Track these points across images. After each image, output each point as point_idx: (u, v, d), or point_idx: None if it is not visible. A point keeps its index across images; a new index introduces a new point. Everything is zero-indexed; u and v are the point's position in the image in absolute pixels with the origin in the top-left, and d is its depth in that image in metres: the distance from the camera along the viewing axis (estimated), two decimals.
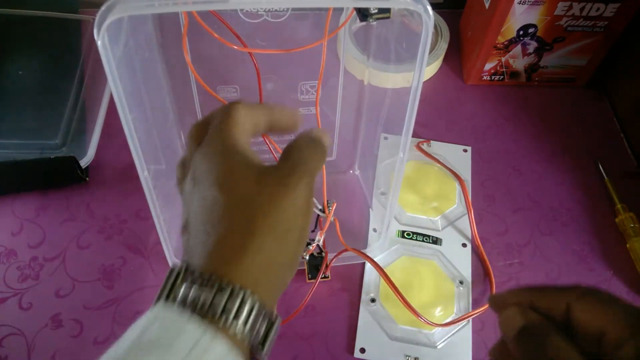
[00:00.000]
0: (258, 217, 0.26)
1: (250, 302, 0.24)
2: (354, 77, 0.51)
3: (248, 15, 0.40)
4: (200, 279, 0.24)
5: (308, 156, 0.29)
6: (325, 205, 0.47)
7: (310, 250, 0.48)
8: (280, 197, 0.26)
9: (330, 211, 0.47)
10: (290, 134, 0.33)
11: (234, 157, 0.27)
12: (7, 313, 0.48)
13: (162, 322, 0.24)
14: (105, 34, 0.29)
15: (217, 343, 0.23)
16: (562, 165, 0.61)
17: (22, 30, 0.67)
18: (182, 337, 0.23)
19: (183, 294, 0.24)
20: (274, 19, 0.41)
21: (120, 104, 0.33)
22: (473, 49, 0.66)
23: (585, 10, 0.58)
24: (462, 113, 0.66)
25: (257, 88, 0.41)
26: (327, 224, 0.47)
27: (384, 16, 0.34)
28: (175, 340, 0.22)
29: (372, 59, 0.49)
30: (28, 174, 0.55)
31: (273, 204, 0.26)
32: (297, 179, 0.27)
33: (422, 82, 0.35)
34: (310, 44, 0.36)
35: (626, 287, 0.52)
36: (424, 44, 0.33)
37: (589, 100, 0.68)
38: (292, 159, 0.29)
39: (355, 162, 0.59)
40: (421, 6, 0.31)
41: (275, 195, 0.26)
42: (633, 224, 0.55)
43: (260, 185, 0.26)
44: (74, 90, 0.61)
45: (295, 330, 0.48)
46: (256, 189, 0.26)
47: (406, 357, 0.47)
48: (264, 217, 0.26)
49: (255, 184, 0.26)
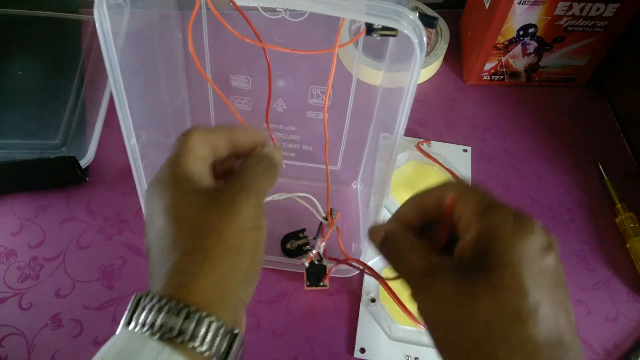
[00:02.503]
0: (206, 242, 0.27)
1: (206, 321, 0.25)
2: (366, 85, 0.51)
3: (267, 9, 0.40)
4: (159, 304, 0.25)
5: (255, 176, 0.30)
6: (329, 213, 0.47)
7: (311, 258, 0.48)
8: (226, 220, 0.27)
9: (333, 220, 0.47)
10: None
11: (181, 185, 0.28)
12: (7, 313, 0.48)
13: (124, 342, 0.25)
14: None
15: (176, 358, 0.24)
16: (562, 165, 0.61)
17: (22, 30, 0.67)
18: (142, 354, 0.24)
19: (143, 318, 0.25)
20: (292, 18, 0.41)
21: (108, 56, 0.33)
22: (473, 49, 0.66)
23: (585, 10, 0.58)
24: (462, 113, 0.66)
25: (268, 82, 0.41)
26: (329, 232, 0.47)
27: (389, 33, 0.34)
28: (135, 356, 0.24)
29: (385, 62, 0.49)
30: (28, 174, 0.55)
31: (219, 227, 0.27)
32: (242, 200, 0.28)
33: (410, 102, 0.35)
34: (325, 49, 0.36)
35: (626, 287, 0.52)
36: (414, 68, 0.32)
37: (589, 100, 0.68)
38: (240, 178, 0.30)
39: (359, 174, 0.58)
40: (417, 39, 0.30)
41: (221, 219, 0.27)
42: (633, 224, 0.55)
43: (206, 211, 0.28)
44: (74, 90, 0.61)
45: (295, 331, 0.48)
46: (202, 215, 0.27)
47: (406, 357, 0.47)
48: (212, 241, 0.27)
49: (200, 210, 0.27)
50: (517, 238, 0.26)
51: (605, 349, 0.49)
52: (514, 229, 0.26)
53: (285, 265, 0.51)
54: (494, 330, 0.25)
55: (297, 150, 0.55)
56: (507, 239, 0.26)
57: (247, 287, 0.29)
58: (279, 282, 0.51)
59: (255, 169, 0.31)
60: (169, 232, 0.27)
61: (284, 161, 0.54)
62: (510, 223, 0.27)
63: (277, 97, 0.49)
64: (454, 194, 0.29)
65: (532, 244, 0.26)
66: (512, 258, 0.26)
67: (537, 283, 0.25)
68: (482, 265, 0.26)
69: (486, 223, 0.27)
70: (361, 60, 0.57)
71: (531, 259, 0.26)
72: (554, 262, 0.26)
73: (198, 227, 0.27)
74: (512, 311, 0.25)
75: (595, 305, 0.51)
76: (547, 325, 0.25)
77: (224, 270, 0.27)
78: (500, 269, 0.25)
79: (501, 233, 0.26)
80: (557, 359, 0.25)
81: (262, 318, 0.49)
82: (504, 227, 0.26)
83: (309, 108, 0.50)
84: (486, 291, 0.26)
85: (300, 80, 0.48)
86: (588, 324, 0.50)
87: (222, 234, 0.27)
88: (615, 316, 0.51)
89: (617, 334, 0.49)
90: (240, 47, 0.42)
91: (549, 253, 0.26)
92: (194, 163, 0.30)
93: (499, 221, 0.27)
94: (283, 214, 0.52)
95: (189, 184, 0.29)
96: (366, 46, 0.48)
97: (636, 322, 0.50)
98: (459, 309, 0.26)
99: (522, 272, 0.25)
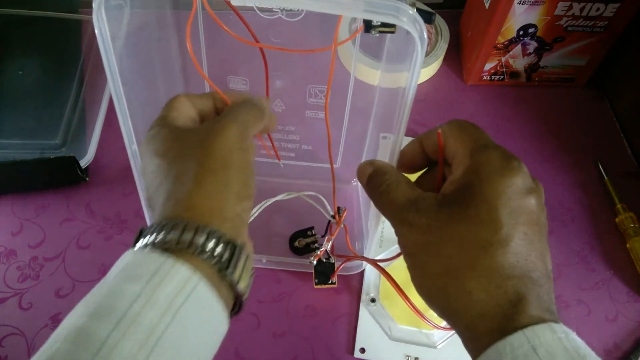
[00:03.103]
0: (194, 163, 0.28)
1: (205, 231, 0.26)
2: (364, 84, 0.51)
3: (263, 10, 0.40)
4: (159, 227, 0.26)
5: (239, 109, 0.32)
6: (336, 211, 0.47)
7: (318, 256, 0.48)
8: (212, 140, 0.29)
9: (341, 217, 0.47)
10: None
11: (165, 128, 0.31)
12: (7, 313, 0.48)
13: (127, 259, 0.26)
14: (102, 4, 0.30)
15: (179, 267, 0.25)
16: (562, 165, 0.61)
17: (22, 30, 0.67)
18: (144, 266, 0.25)
19: (145, 240, 0.26)
20: (288, 18, 0.41)
21: (108, 62, 0.34)
22: (473, 49, 0.66)
23: (585, 10, 0.58)
24: (462, 113, 0.66)
25: (265, 83, 0.41)
26: (337, 230, 0.47)
27: (388, 30, 0.34)
28: (138, 269, 0.25)
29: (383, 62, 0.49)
30: (28, 174, 0.55)
31: (205, 149, 0.29)
32: (224, 124, 0.30)
33: (412, 99, 0.35)
34: (322, 47, 0.36)
35: (626, 287, 0.52)
36: (415, 63, 0.32)
37: (589, 100, 0.68)
38: (224, 113, 0.32)
39: None
40: (417, 34, 0.30)
41: (207, 140, 0.29)
42: (633, 224, 0.55)
43: (191, 138, 0.29)
44: (74, 90, 0.61)
45: (295, 330, 0.48)
46: (187, 143, 0.29)
47: (406, 357, 0.47)
48: (200, 161, 0.28)
49: (186, 139, 0.30)
50: (499, 175, 0.27)
51: (605, 349, 0.49)
52: (500, 168, 0.27)
53: (289, 265, 0.51)
54: (465, 256, 0.26)
55: (297, 150, 0.55)
56: (490, 175, 0.27)
57: (243, 204, 0.29)
58: (279, 282, 0.51)
59: (239, 105, 0.33)
60: (160, 167, 0.29)
61: (284, 161, 0.55)
62: (497, 162, 0.27)
63: (276, 97, 0.49)
64: (449, 132, 0.30)
65: (514, 182, 0.27)
66: (492, 193, 0.27)
67: (513, 219, 0.26)
68: (463, 198, 0.27)
69: (474, 161, 0.28)
70: (359, 59, 0.57)
71: (511, 196, 0.27)
72: (535, 205, 0.27)
73: (186, 154, 0.29)
74: (484, 241, 0.26)
75: (595, 305, 0.51)
76: (516, 257, 0.26)
77: (216, 184, 0.28)
78: (478, 202, 0.27)
79: (486, 170, 0.27)
80: (522, 290, 0.26)
81: (262, 318, 0.49)
82: (490, 165, 0.27)
83: (307, 107, 0.50)
84: (462, 221, 0.27)
85: (298, 79, 0.48)
86: (588, 324, 0.50)
87: (208, 154, 0.28)
88: (615, 316, 0.51)
89: (617, 334, 0.49)
90: (237, 48, 0.43)
91: (530, 195, 0.27)
92: (179, 117, 0.32)
93: (486, 160, 0.28)
94: (287, 213, 0.52)
95: (172, 126, 0.31)
96: (364, 45, 0.48)
97: (636, 322, 0.50)
98: (434, 236, 0.27)
99: (498, 206, 0.26)
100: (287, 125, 0.52)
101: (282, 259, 0.51)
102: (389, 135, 0.57)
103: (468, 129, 0.30)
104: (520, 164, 0.28)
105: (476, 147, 0.29)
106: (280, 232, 0.53)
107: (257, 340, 0.48)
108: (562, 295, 0.52)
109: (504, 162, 0.27)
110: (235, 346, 0.47)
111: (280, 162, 0.55)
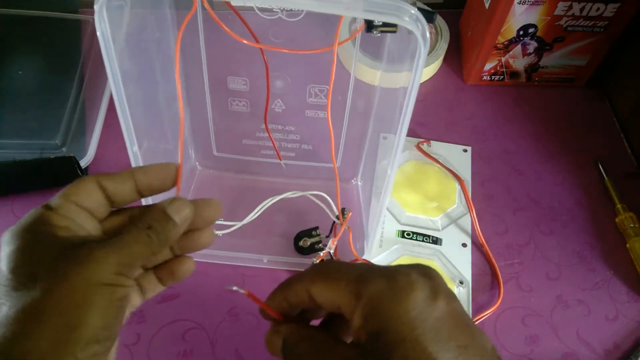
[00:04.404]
0: (44, 295, 0.24)
1: None
2: (364, 84, 0.51)
3: (263, 10, 0.40)
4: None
5: (128, 239, 0.27)
6: (340, 213, 0.47)
7: (321, 257, 0.48)
8: (74, 272, 0.24)
9: (345, 219, 0.47)
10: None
11: (40, 233, 0.26)
12: None
13: None
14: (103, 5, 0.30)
15: None
16: (562, 165, 0.61)
17: (22, 30, 0.67)
18: None
19: None
20: (288, 18, 0.41)
21: (108, 58, 0.33)
22: (473, 49, 0.66)
23: (585, 10, 0.58)
24: (462, 113, 0.66)
25: (266, 83, 0.41)
26: (341, 231, 0.47)
27: (389, 30, 0.34)
28: None
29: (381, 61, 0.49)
30: (28, 174, 0.55)
31: (63, 280, 0.24)
32: (98, 255, 0.25)
33: (414, 99, 0.35)
34: (322, 47, 0.36)
35: (626, 287, 0.52)
36: (418, 62, 0.32)
37: (589, 100, 0.68)
38: (111, 237, 0.27)
39: (359, 171, 0.58)
40: (420, 33, 0.30)
41: (69, 270, 0.24)
42: (633, 224, 0.55)
43: (53, 261, 0.25)
44: (74, 90, 0.61)
45: None
46: (47, 266, 0.25)
47: None
48: (51, 295, 0.24)
49: (48, 261, 0.25)
50: (398, 305, 0.24)
51: (605, 349, 0.49)
52: (392, 295, 0.25)
53: (290, 264, 0.51)
54: None
55: (297, 150, 0.55)
56: (390, 310, 0.24)
57: (94, 347, 0.25)
58: (279, 282, 0.51)
59: (130, 232, 0.27)
60: (6, 279, 0.24)
61: (284, 161, 0.55)
62: (385, 290, 0.25)
63: (276, 98, 0.49)
64: (310, 284, 0.28)
65: (415, 301, 0.24)
66: (404, 328, 0.24)
67: (438, 338, 0.24)
68: (383, 345, 0.24)
69: (364, 301, 0.25)
70: (359, 59, 0.57)
71: (422, 318, 0.24)
72: (445, 305, 0.25)
73: (41, 277, 0.24)
74: None
75: (595, 305, 0.51)
76: None
77: (59, 329, 0.23)
78: (400, 344, 0.24)
79: (382, 305, 0.25)
80: None
81: (261, 318, 0.49)
82: (381, 298, 0.25)
83: (307, 107, 0.50)
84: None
85: (298, 79, 0.48)
86: (588, 324, 0.50)
87: (63, 288, 0.24)
88: (615, 316, 0.51)
89: (617, 334, 0.49)
90: (237, 48, 0.42)
91: (436, 299, 0.25)
92: (69, 213, 0.27)
93: (374, 293, 0.25)
94: (288, 212, 0.52)
95: (50, 232, 0.25)
96: (364, 45, 0.48)
97: (636, 322, 0.50)
98: None
99: (418, 336, 0.24)
100: (287, 125, 0.52)
101: (282, 259, 0.51)
102: (389, 136, 0.57)
103: (333, 271, 0.27)
104: (404, 276, 0.25)
105: (353, 285, 0.26)
106: (281, 232, 0.53)
107: (257, 340, 0.48)
108: (562, 295, 0.52)
109: (392, 287, 0.25)
110: (235, 346, 0.47)
111: (282, 162, 0.55)
